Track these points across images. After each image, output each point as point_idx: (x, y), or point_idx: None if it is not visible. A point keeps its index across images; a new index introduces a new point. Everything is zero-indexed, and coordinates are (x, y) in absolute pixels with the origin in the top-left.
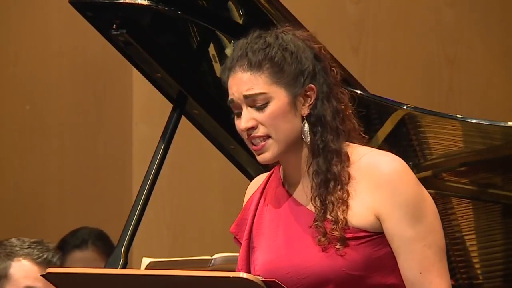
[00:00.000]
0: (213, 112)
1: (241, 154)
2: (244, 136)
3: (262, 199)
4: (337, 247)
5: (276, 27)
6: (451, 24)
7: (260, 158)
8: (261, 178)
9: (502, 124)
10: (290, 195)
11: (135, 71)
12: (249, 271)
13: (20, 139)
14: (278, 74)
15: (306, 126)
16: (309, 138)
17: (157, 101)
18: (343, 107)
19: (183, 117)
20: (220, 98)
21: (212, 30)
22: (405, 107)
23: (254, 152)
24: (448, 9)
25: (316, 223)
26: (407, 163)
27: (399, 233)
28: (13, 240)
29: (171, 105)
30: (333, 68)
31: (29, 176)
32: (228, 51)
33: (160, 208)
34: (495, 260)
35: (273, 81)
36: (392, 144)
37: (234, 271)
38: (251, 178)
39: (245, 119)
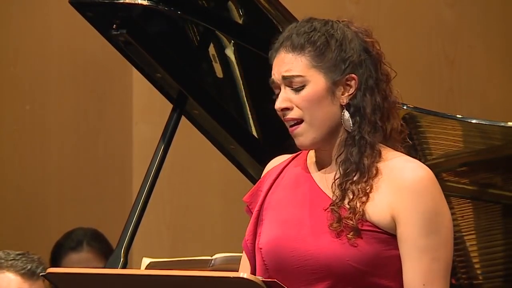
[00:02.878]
0: (213, 112)
1: (241, 154)
2: (281, 116)
3: (281, 176)
4: (349, 236)
5: (281, 27)
6: (451, 24)
7: (298, 142)
8: (285, 157)
9: (502, 124)
10: (312, 178)
11: (135, 71)
12: (254, 243)
13: (20, 139)
14: (318, 58)
15: (346, 115)
16: (351, 127)
17: (157, 101)
18: (387, 105)
19: (183, 117)
20: (220, 98)
21: (212, 30)
22: (405, 107)
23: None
24: (448, 9)
25: (332, 207)
26: None
27: (411, 240)
28: None
29: (171, 105)
30: (386, 65)
31: (29, 176)
32: (228, 51)
33: (160, 208)
34: (495, 260)
35: (312, 65)
36: None
37: (234, 271)
38: (251, 178)
39: (281, 99)
